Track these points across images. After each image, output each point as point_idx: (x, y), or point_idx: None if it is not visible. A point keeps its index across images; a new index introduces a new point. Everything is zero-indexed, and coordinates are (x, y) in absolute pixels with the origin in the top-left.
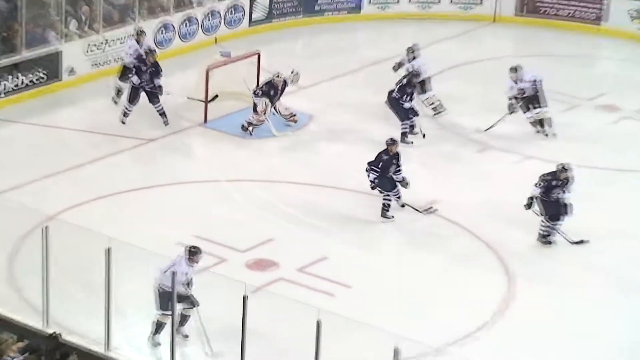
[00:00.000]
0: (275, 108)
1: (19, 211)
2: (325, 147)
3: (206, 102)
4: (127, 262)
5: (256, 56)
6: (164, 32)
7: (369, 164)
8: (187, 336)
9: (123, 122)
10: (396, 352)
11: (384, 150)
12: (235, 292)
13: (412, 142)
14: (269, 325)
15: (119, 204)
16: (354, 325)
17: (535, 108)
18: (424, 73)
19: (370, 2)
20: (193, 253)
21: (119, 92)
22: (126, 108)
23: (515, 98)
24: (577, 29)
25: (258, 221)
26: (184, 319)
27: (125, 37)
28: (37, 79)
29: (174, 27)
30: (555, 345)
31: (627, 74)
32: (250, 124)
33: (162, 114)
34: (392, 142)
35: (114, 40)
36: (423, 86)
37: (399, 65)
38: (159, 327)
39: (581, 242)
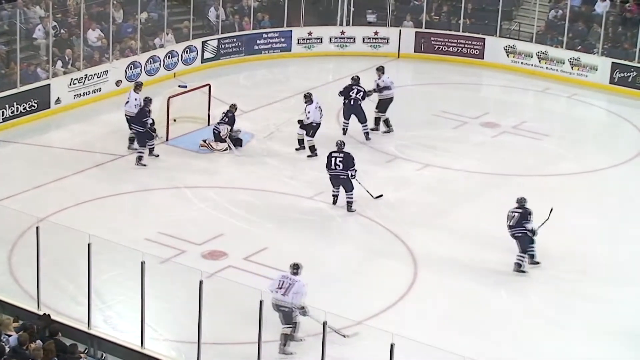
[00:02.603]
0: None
1: (16, 215)
2: (266, 159)
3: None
4: (105, 256)
5: (207, 87)
6: (132, 68)
7: (348, 168)
8: (302, 339)
9: (144, 164)
10: (325, 325)
11: (346, 151)
12: (193, 277)
13: (370, 139)
14: (221, 304)
15: (97, 208)
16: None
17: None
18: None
19: (298, 43)
20: (299, 267)
21: (132, 140)
22: (140, 152)
23: (374, 91)
24: (464, 62)
25: (211, 219)
26: (296, 325)
27: (101, 73)
28: (30, 107)
29: (141, 65)
30: (450, 319)
31: (505, 97)
32: (209, 145)
33: (152, 149)
34: (344, 144)
35: (92, 76)
36: (313, 130)
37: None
38: (285, 338)
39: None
